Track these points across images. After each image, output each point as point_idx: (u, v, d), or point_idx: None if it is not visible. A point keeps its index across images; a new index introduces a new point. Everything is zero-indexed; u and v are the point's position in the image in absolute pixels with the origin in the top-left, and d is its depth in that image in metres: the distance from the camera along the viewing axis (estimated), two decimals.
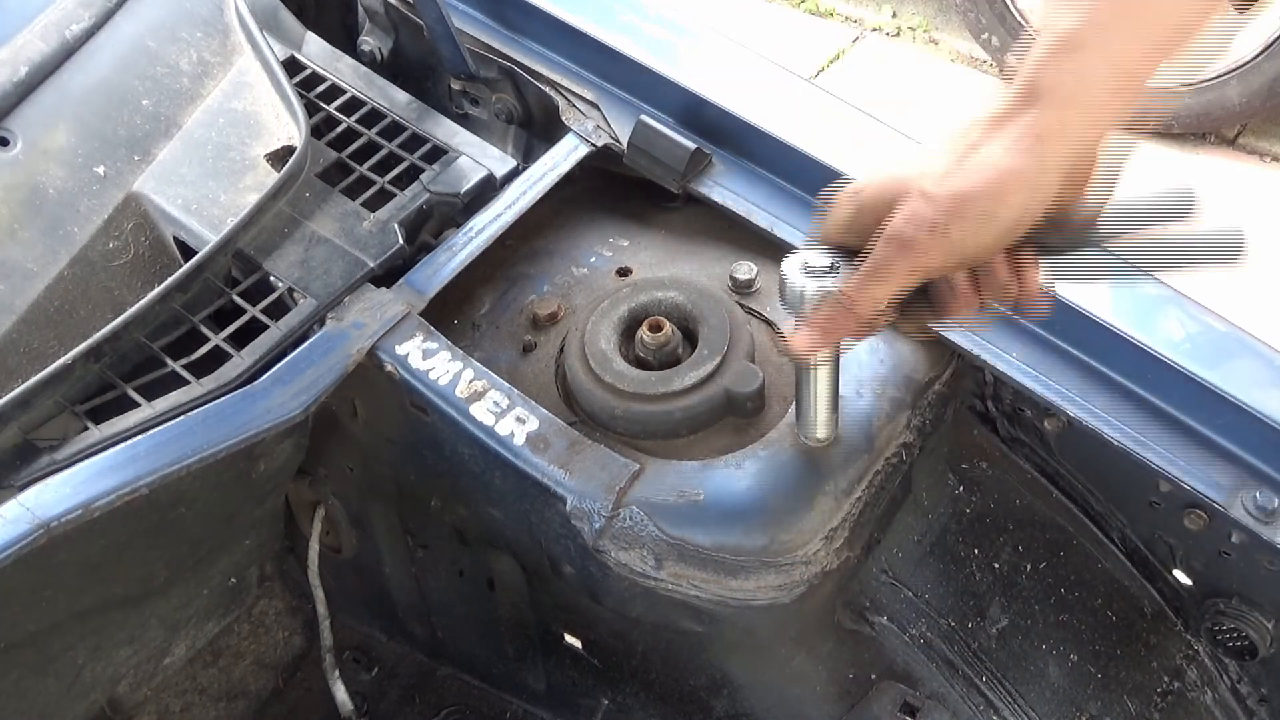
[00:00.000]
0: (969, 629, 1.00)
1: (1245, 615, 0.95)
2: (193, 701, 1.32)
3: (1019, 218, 0.68)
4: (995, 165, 0.67)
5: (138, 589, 1.01)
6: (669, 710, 1.06)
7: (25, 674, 0.95)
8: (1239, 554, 0.90)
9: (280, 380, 0.91)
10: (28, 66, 1.02)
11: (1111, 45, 0.66)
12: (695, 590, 0.86)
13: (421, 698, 1.29)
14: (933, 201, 0.68)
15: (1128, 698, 1.00)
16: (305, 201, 1.05)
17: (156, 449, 0.85)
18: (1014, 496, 1.04)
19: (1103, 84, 0.67)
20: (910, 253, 0.70)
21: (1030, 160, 0.67)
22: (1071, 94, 0.66)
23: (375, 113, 1.15)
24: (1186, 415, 0.91)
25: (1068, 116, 0.67)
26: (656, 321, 0.93)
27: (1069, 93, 0.66)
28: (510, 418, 0.90)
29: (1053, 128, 0.67)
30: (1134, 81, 0.67)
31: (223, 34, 1.13)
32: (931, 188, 0.68)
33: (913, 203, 0.69)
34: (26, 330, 0.96)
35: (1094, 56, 0.66)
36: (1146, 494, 0.94)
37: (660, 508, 0.86)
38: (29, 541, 0.78)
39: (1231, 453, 0.90)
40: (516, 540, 0.98)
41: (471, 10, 1.23)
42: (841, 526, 0.88)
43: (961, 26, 3.29)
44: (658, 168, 1.08)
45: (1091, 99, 0.67)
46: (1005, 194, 0.67)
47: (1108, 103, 0.67)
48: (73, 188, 1.01)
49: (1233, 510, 0.88)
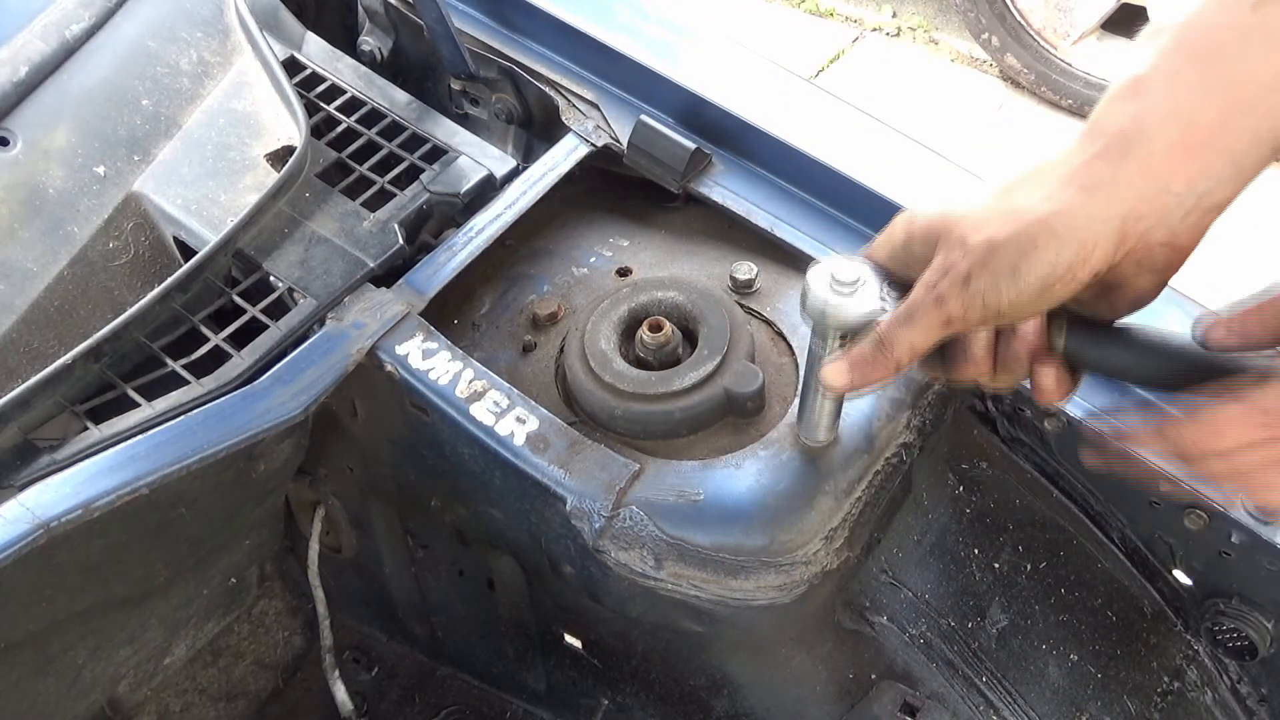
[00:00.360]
0: (969, 629, 1.00)
1: (1245, 615, 0.95)
2: (193, 701, 1.32)
3: (1048, 276, 0.60)
4: (1028, 212, 0.60)
5: (138, 589, 1.01)
6: (669, 710, 1.06)
7: (25, 674, 0.95)
8: (1239, 554, 0.90)
9: (280, 380, 0.91)
10: (28, 66, 1.02)
11: (1178, 91, 0.58)
12: (695, 590, 0.86)
13: (421, 697, 1.29)
14: (967, 251, 0.62)
15: (1128, 697, 1.00)
16: (305, 201, 1.05)
17: (156, 449, 0.85)
18: (1014, 496, 1.04)
19: (1165, 135, 0.58)
20: (943, 305, 0.64)
21: (1070, 211, 0.59)
22: (1129, 141, 0.58)
23: (375, 113, 1.15)
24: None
25: (1122, 168, 0.59)
26: (656, 321, 0.93)
27: (1126, 140, 0.59)
28: (510, 418, 0.90)
29: (1103, 178, 0.59)
30: (1208, 140, 0.58)
31: (223, 34, 1.13)
32: (968, 233, 0.62)
33: (949, 250, 0.63)
34: (27, 330, 0.96)
35: (1157, 101, 0.59)
36: (1146, 494, 0.94)
37: (660, 508, 0.86)
38: (29, 541, 0.78)
39: None
40: (516, 540, 0.98)
41: (471, 10, 1.23)
42: (841, 526, 0.88)
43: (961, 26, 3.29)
44: (658, 168, 1.08)
45: (1152, 150, 0.58)
46: (1033, 245, 0.60)
47: (1172, 159, 0.58)
48: (73, 188, 1.01)
49: (1233, 510, 0.88)
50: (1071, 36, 3.12)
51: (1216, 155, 0.58)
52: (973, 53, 3.42)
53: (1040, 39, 3.15)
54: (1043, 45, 3.16)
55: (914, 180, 1.04)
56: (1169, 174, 0.59)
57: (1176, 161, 0.58)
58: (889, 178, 1.03)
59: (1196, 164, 0.58)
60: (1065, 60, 3.16)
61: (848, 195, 1.04)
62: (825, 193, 1.05)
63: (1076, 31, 3.10)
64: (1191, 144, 0.58)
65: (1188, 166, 0.58)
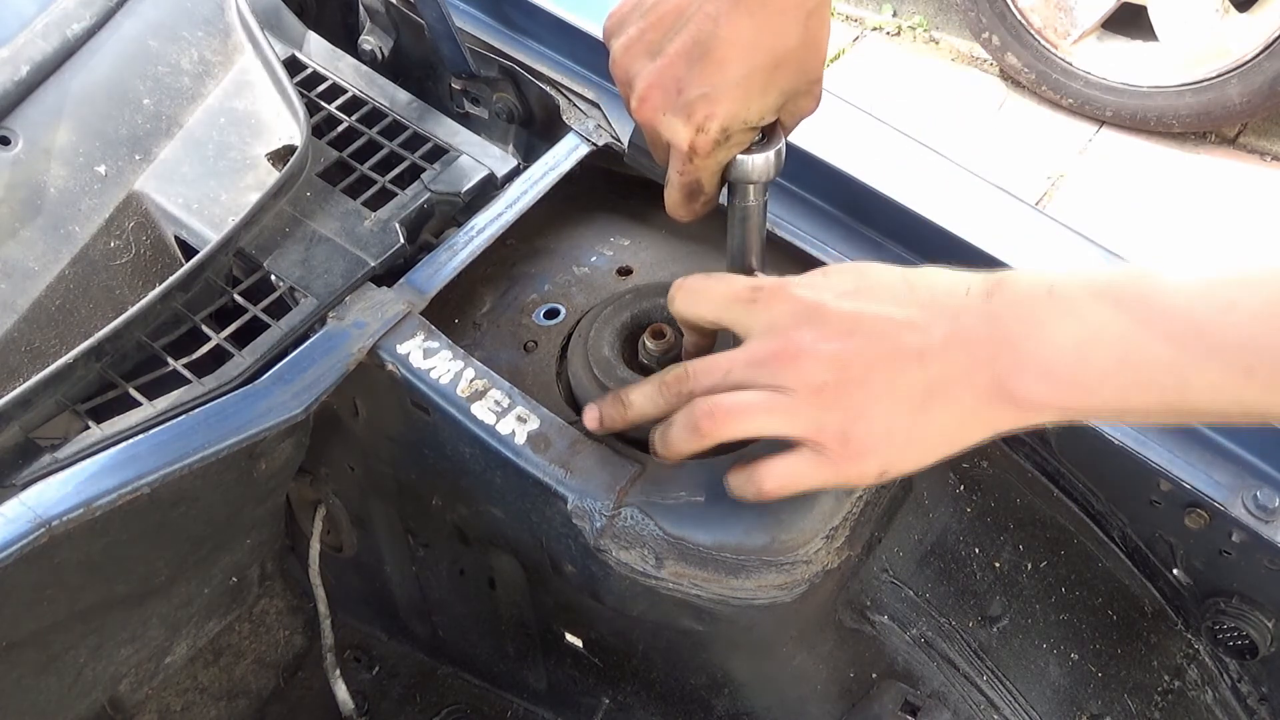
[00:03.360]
0: (970, 628, 1.01)
1: (1246, 614, 0.95)
2: (193, 700, 1.32)
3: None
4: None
5: (139, 588, 1.01)
6: (670, 709, 1.06)
7: (26, 673, 0.95)
8: (1240, 553, 0.91)
9: (281, 379, 0.91)
10: (29, 66, 1.02)
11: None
12: (696, 589, 0.86)
13: (422, 697, 1.29)
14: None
15: (1128, 696, 1.00)
16: (306, 201, 1.05)
17: (158, 448, 0.85)
18: (1014, 495, 1.04)
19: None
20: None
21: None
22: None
23: (376, 112, 1.15)
24: None
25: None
26: (659, 329, 0.93)
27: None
28: (511, 417, 0.90)
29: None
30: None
31: (224, 33, 1.13)
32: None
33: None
34: (28, 329, 0.96)
35: None
36: (1147, 493, 0.94)
37: (661, 507, 0.86)
38: (30, 540, 0.78)
39: (1232, 452, 0.90)
40: (517, 539, 0.98)
41: (472, 9, 1.23)
42: (842, 525, 0.88)
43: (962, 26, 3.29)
44: (659, 167, 1.08)
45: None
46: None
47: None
48: (74, 187, 1.01)
49: (1233, 509, 0.88)
50: (1072, 36, 3.12)
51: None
52: (973, 52, 3.42)
53: (1041, 38, 3.15)
54: (1043, 44, 3.16)
55: (914, 180, 1.05)
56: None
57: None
58: (889, 177, 1.03)
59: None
60: (1066, 59, 3.16)
61: (848, 195, 1.04)
62: (825, 192, 1.05)
63: (1077, 31, 3.11)
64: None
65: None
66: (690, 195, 0.87)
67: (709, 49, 0.77)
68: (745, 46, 0.77)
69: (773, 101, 0.80)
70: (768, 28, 0.77)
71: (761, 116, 0.81)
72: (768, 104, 0.80)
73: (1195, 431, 0.91)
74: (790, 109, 0.84)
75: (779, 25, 0.77)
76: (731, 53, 0.77)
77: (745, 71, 0.77)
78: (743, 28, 0.77)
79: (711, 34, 0.77)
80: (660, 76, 0.79)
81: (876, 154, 1.07)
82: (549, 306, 1.02)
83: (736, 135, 0.81)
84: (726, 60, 0.77)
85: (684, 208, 0.88)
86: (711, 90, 0.78)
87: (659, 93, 0.80)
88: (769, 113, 0.81)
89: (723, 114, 0.78)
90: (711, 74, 0.78)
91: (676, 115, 0.79)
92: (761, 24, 0.77)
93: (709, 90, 0.78)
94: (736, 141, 0.82)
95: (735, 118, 0.79)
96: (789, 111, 0.84)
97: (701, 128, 0.79)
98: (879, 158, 1.07)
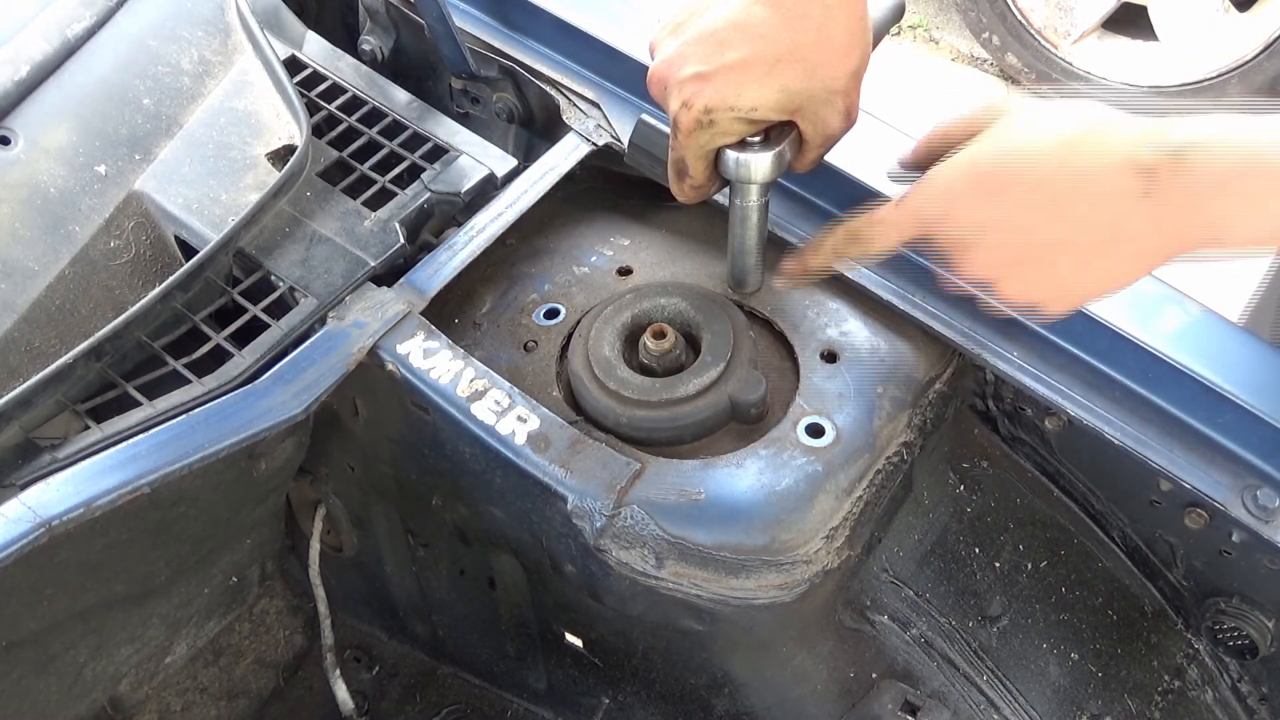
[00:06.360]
0: (970, 628, 1.01)
1: (1246, 614, 0.95)
2: (194, 700, 1.32)
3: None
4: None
5: (139, 588, 1.01)
6: (670, 709, 1.06)
7: (27, 673, 0.95)
8: (1239, 553, 0.91)
9: (281, 379, 0.91)
10: (29, 66, 1.02)
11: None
12: (696, 589, 0.86)
13: (422, 696, 1.29)
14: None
15: (1128, 696, 1.00)
16: (306, 200, 1.05)
17: (158, 448, 0.85)
18: (1015, 495, 1.04)
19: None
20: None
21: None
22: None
23: (376, 112, 1.15)
24: (1187, 414, 0.92)
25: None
26: (660, 329, 0.93)
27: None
28: (511, 417, 0.90)
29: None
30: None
31: (224, 33, 1.13)
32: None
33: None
34: (28, 329, 0.96)
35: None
36: (1147, 493, 0.94)
37: (661, 507, 0.86)
38: (30, 540, 0.78)
39: (1232, 452, 0.90)
40: (517, 539, 0.98)
41: (472, 9, 1.23)
42: (842, 525, 0.88)
43: (962, 26, 3.29)
44: (659, 167, 1.07)
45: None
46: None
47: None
48: (74, 187, 1.01)
49: (1233, 509, 0.88)
50: (1072, 35, 3.12)
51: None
52: (973, 52, 3.42)
53: (1041, 38, 3.15)
54: (1043, 44, 3.16)
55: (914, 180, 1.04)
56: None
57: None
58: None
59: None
60: (1066, 59, 3.16)
61: (848, 195, 1.04)
62: (826, 192, 1.05)
63: (1077, 30, 3.11)
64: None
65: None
66: (678, 174, 0.88)
67: (716, 30, 0.78)
68: (750, 32, 0.77)
69: (771, 96, 0.80)
70: (779, 17, 0.77)
71: (754, 108, 0.80)
72: (764, 97, 0.79)
73: (1195, 431, 0.91)
74: (811, 119, 0.83)
75: (792, 17, 0.77)
76: (735, 36, 0.77)
77: (743, 56, 0.77)
78: (754, 14, 0.77)
79: (724, 17, 0.78)
80: (673, 54, 0.81)
81: (876, 154, 1.07)
82: (549, 306, 1.02)
83: (723, 122, 0.80)
84: (727, 42, 0.77)
85: (675, 185, 0.90)
86: (706, 69, 0.78)
87: (665, 67, 0.81)
88: (767, 107, 0.80)
89: (710, 94, 0.78)
90: (710, 54, 0.78)
91: (671, 90, 0.81)
92: (774, 13, 0.77)
93: (704, 69, 0.78)
94: (723, 130, 0.81)
95: (723, 101, 0.79)
96: (809, 122, 0.83)
97: (686, 103, 0.80)
98: (879, 158, 1.06)
